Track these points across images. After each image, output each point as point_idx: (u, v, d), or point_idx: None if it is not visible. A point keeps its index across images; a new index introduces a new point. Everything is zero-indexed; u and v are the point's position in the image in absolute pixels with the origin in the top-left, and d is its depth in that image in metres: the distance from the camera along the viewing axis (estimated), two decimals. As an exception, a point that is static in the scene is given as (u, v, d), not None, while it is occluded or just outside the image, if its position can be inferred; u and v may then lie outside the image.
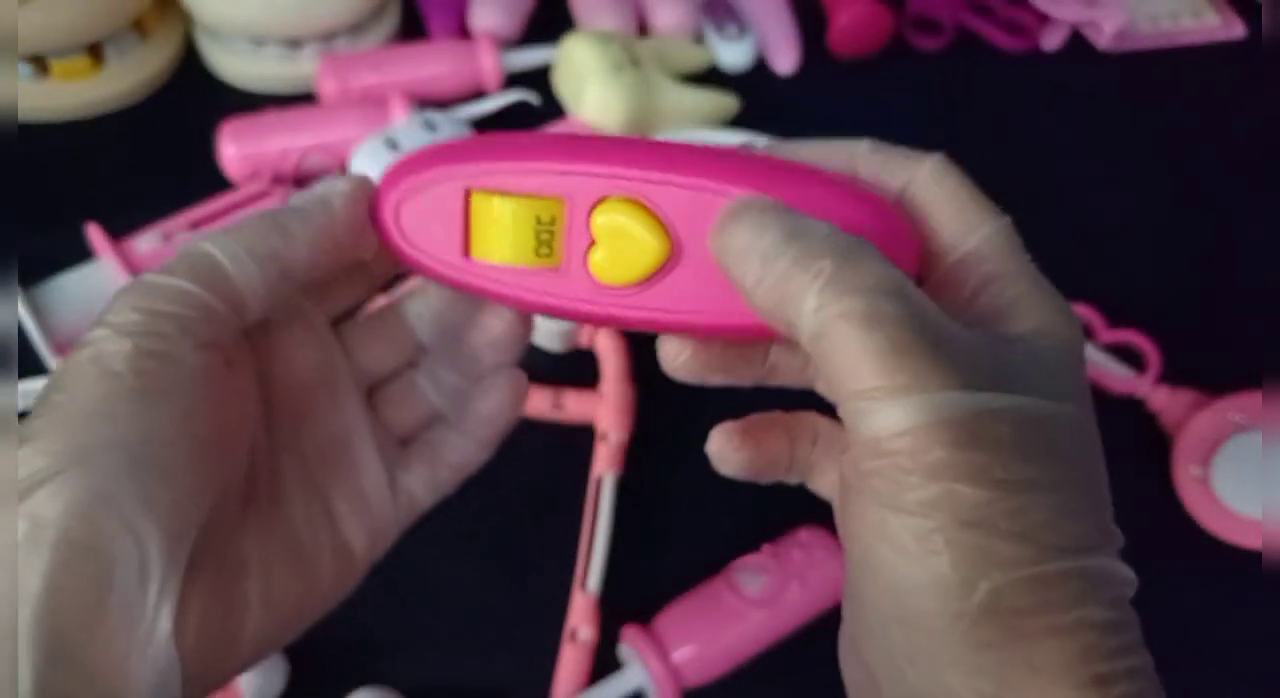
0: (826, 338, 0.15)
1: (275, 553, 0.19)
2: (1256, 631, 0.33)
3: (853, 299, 0.15)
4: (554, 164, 0.18)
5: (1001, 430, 0.15)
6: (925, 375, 0.15)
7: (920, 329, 0.15)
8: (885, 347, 0.15)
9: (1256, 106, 0.48)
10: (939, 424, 0.15)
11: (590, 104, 0.41)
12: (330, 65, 0.43)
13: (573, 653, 0.30)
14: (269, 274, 0.19)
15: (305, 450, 0.21)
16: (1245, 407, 0.34)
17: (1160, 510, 0.35)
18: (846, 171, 0.19)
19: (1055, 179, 0.45)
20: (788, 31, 0.48)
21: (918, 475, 0.15)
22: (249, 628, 0.18)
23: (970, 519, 0.14)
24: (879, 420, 0.15)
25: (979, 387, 0.15)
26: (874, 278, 0.15)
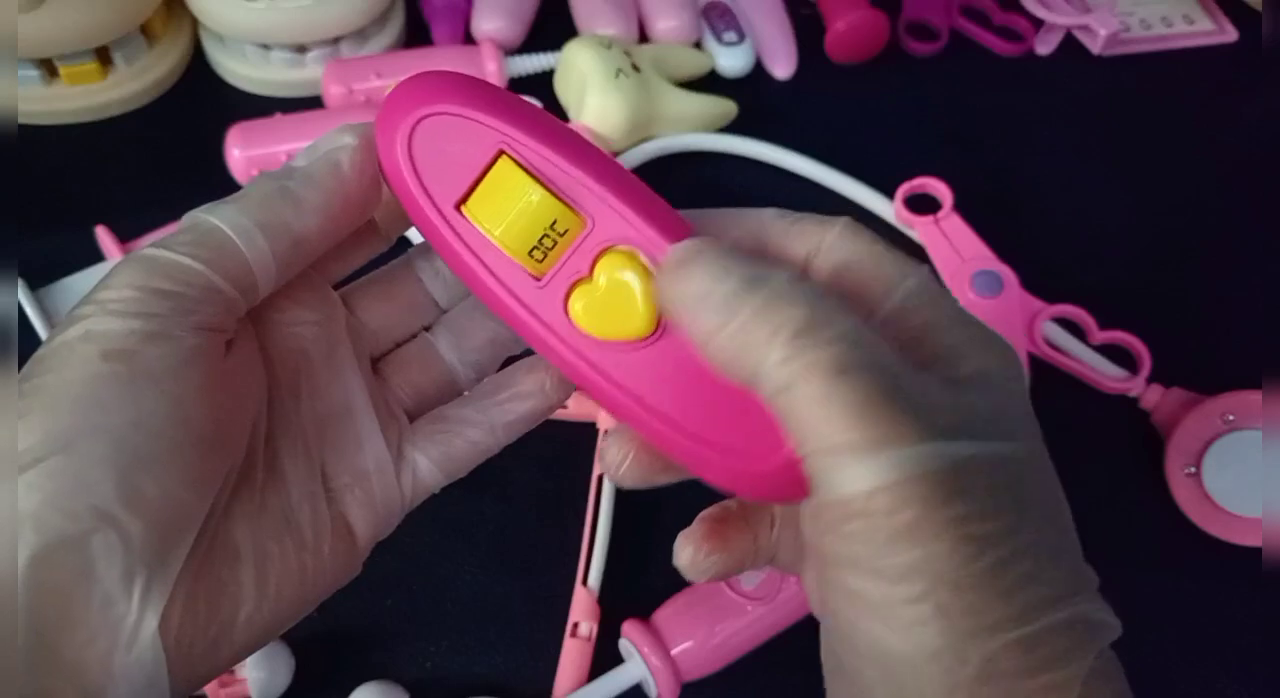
0: (793, 391, 0.14)
1: (270, 536, 0.18)
2: (1249, 627, 0.33)
3: (822, 350, 0.14)
4: (600, 186, 0.17)
5: (976, 481, 0.14)
6: (899, 428, 0.14)
7: (889, 379, 0.14)
8: (857, 399, 0.14)
9: (1248, 110, 0.48)
10: (915, 480, 0.14)
11: (591, 109, 0.42)
12: (335, 70, 0.43)
13: (574, 648, 0.31)
14: (280, 248, 0.17)
15: (304, 422, 0.20)
16: (1237, 406, 0.34)
17: (1153, 509, 0.35)
18: (754, 240, 0.18)
19: (1049, 182, 0.45)
20: (785, 37, 0.48)
21: (896, 538, 0.14)
22: (242, 617, 0.17)
23: (955, 581, 0.14)
24: (851, 478, 0.14)
25: (950, 437, 0.14)
26: (842, 328, 0.15)
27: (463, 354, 0.22)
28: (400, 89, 0.18)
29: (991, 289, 0.38)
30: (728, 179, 0.44)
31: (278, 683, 0.30)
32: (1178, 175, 0.46)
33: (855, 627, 0.15)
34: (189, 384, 0.16)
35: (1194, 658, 0.32)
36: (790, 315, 0.15)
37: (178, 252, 0.17)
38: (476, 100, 0.17)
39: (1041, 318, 0.38)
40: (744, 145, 0.44)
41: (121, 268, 0.17)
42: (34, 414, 0.15)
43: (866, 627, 0.15)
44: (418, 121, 0.17)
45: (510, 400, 0.21)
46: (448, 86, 0.17)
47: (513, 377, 0.21)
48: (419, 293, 0.21)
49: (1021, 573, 0.14)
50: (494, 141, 0.17)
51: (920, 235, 0.41)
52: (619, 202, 0.17)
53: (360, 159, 0.18)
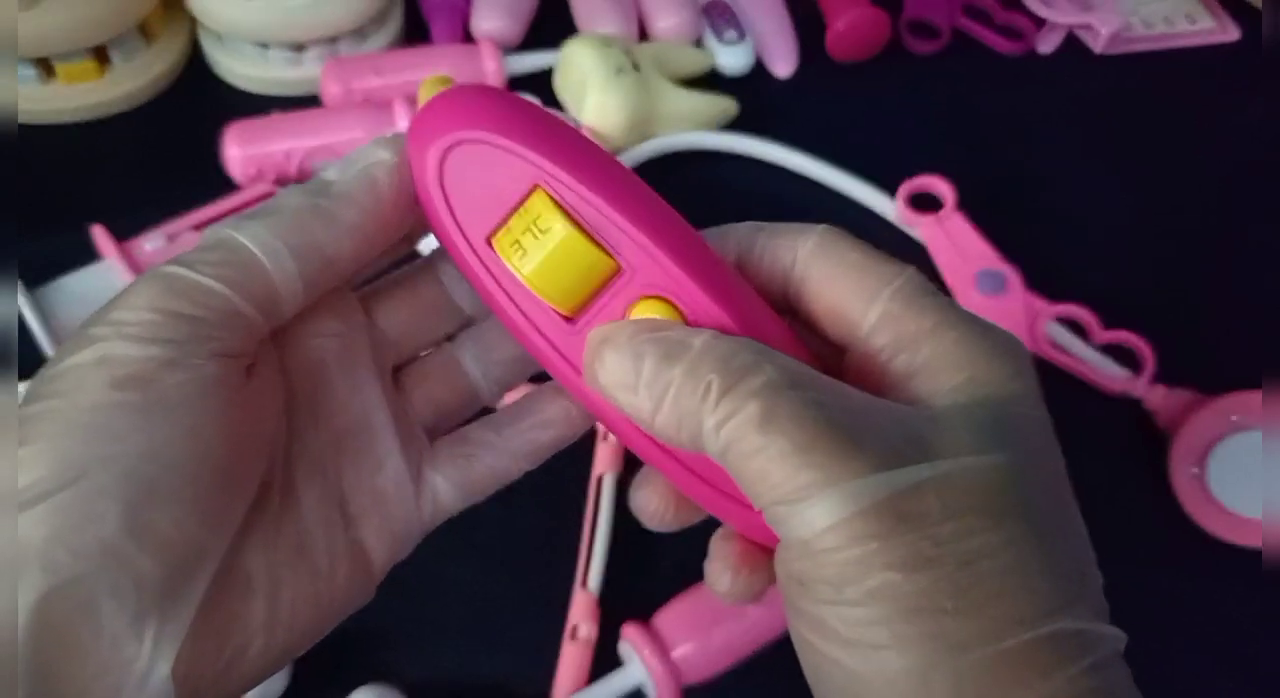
0: (731, 451, 0.14)
1: (284, 564, 0.17)
2: (1253, 628, 0.33)
3: (746, 407, 0.14)
4: (638, 231, 0.16)
5: (930, 504, 0.14)
6: (834, 468, 0.14)
7: (821, 419, 0.14)
8: (788, 447, 0.14)
9: (1251, 109, 0.48)
10: (860, 514, 0.14)
11: (591, 107, 0.42)
12: (334, 68, 0.43)
13: (573, 650, 0.30)
14: (310, 271, 0.16)
15: (322, 441, 0.19)
16: (1241, 406, 0.34)
17: (1156, 510, 0.35)
18: (730, 256, 0.18)
19: (1051, 181, 0.45)
20: (786, 36, 0.48)
21: (850, 570, 0.14)
22: (254, 649, 0.16)
23: (913, 606, 0.14)
24: (800, 522, 0.14)
25: (895, 463, 0.14)
26: (762, 378, 0.14)
27: (487, 369, 0.21)
28: (434, 107, 0.17)
29: (994, 289, 0.38)
30: (728, 178, 0.44)
31: (275, 685, 0.30)
32: (1181, 174, 0.45)
33: (822, 655, 0.15)
34: (206, 414, 0.15)
35: (1198, 659, 0.32)
36: (712, 378, 0.15)
37: (201, 272, 0.16)
38: (513, 127, 0.16)
39: (1044, 318, 0.38)
40: (745, 144, 0.44)
41: (140, 286, 0.16)
42: (43, 442, 0.14)
43: (831, 653, 0.14)
44: (450, 147, 0.16)
45: (533, 428, 0.20)
46: (484, 109, 0.16)
47: (538, 402, 0.20)
48: (442, 297, 0.20)
49: (989, 592, 0.14)
50: (530, 176, 0.16)
51: (922, 235, 0.41)
52: (658, 249, 0.16)
53: (398, 178, 0.17)
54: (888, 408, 0.15)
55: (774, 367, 0.15)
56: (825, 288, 0.17)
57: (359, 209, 0.17)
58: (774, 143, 0.43)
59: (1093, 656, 0.14)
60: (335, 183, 0.17)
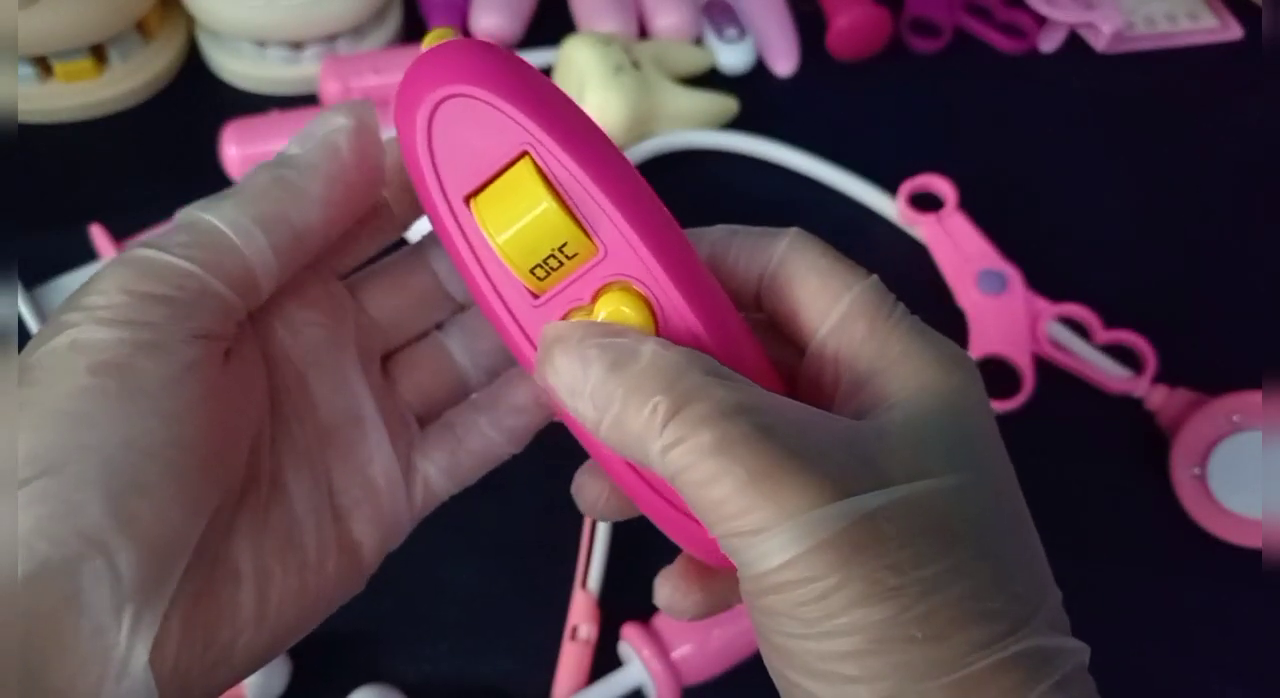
0: (682, 478, 0.14)
1: (273, 555, 0.17)
2: (1253, 629, 0.33)
3: (700, 432, 0.14)
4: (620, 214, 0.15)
5: (886, 531, 0.14)
6: (790, 500, 0.13)
7: (774, 448, 0.14)
8: (742, 478, 0.14)
9: (1254, 107, 0.48)
10: (819, 547, 0.13)
11: (590, 106, 0.41)
12: (332, 67, 0.43)
13: (573, 651, 0.30)
14: (282, 244, 0.16)
15: (310, 432, 0.18)
16: (1242, 406, 0.34)
17: (1157, 510, 0.35)
18: (706, 260, 0.17)
19: (1053, 180, 0.45)
20: (787, 34, 0.48)
21: (814, 604, 0.14)
22: (242, 640, 0.16)
23: (881, 637, 0.13)
24: (757, 557, 0.14)
25: (852, 489, 0.14)
26: (712, 402, 0.14)
27: (475, 357, 0.20)
28: (432, 57, 0.16)
29: (995, 288, 0.38)
30: (728, 177, 0.43)
31: (274, 686, 0.30)
32: (1183, 173, 0.45)
33: (792, 685, 0.14)
34: (185, 399, 0.15)
35: (1199, 660, 0.32)
36: (659, 400, 0.14)
37: (172, 253, 0.15)
38: (510, 87, 0.15)
39: (1045, 317, 0.38)
40: (745, 143, 0.43)
41: (111, 270, 0.15)
42: (21, 432, 0.14)
43: (804, 686, 0.14)
44: (442, 100, 0.16)
45: (508, 414, 0.20)
46: (481, 64, 0.16)
47: (507, 388, 0.20)
48: (432, 285, 0.20)
49: (952, 617, 0.14)
50: (519, 140, 0.15)
51: (923, 234, 0.41)
52: (636, 235, 0.15)
53: (359, 141, 0.17)
54: (838, 427, 0.15)
55: (724, 389, 0.14)
56: (790, 290, 0.17)
57: (323, 178, 0.16)
58: (774, 142, 0.43)
59: (1058, 672, 0.14)
60: (298, 155, 0.17)
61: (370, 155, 0.17)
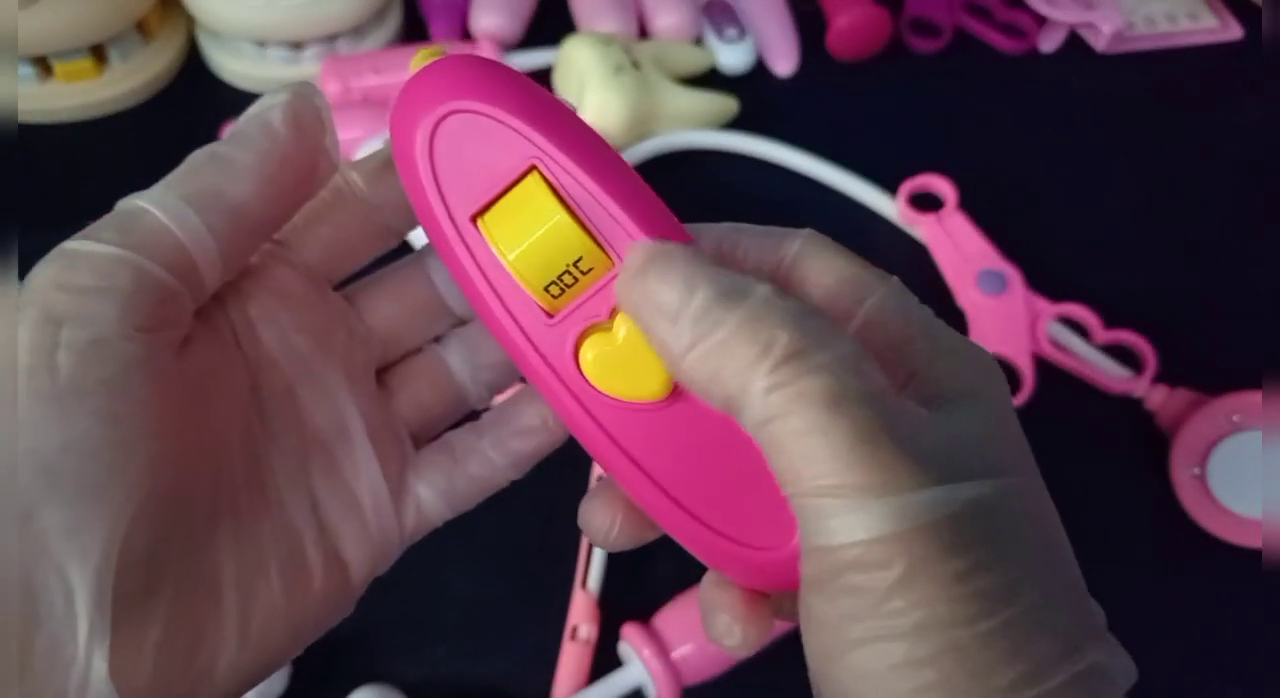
0: (779, 422, 0.13)
1: (256, 572, 0.16)
2: (1253, 628, 0.33)
3: (813, 379, 0.13)
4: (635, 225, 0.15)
5: (976, 529, 0.13)
6: (896, 472, 0.13)
7: (885, 415, 0.13)
8: (853, 436, 0.13)
9: (1254, 107, 0.48)
10: (914, 532, 0.12)
11: (590, 106, 0.41)
12: (332, 67, 0.43)
13: (573, 651, 0.30)
14: (217, 222, 0.15)
15: (297, 444, 0.18)
16: (1242, 406, 0.34)
17: (1157, 510, 0.35)
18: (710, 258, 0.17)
19: (1052, 180, 0.45)
20: (787, 34, 0.48)
21: (892, 596, 0.12)
22: (223, 661, 0.15)
23: (960, 643, 0.12)
24: (845, 526, 0.13)
25: (947, 479, 0.13)
26: (835, 352, 0.13)
27: (475, 372, 0.20)
28: (429, 74, 0.16)
29: (995, 288, 0.38)
30: (729, 177, 0.43)
31: (274, 687, 0.30)
32: (1183, 173, 0.45)
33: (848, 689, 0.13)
34: (128, 398, 0.14)
35: (1200, 660, 0.32)
36: (776, 336, 0.13)
37: (100, 241, 0.14)
38: (513, 101, 0.15)
39: (1046, 317, 0.38)
40: (745, 143, 0.43)
41: (40, 267, 0.15)
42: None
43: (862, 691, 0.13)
44: (444, 116, 0.15)
45: (512, 436, 0.19)
46: (482, 79, 0.15)
47: (514, 409, 0.19)
48: (432, 297, 0.19)
49: (1029, 628, 0.13)
50: (526, 154, 0.15)
51: (923, 234, 0.41)
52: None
53: (295, 112, 0.16)
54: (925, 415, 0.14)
55: (846, 341, 0.13)
56: (804, 291, 0.16)
57: (256, 150, 0.16)
58: (774, 142, 0.43)
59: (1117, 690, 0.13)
60: (232, 133, 0.16)
61: (308, 128, 0.16)
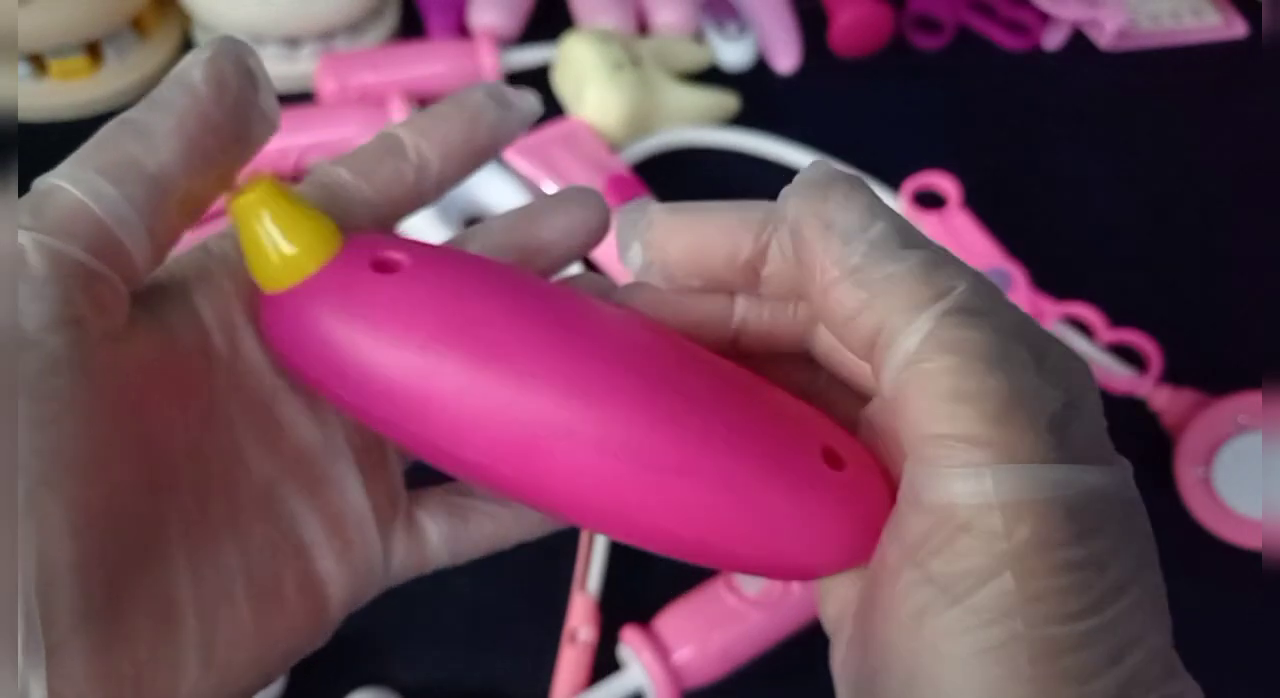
0: (934, 362, 0.12)
1: (219, 594, 0.15)
2: (1257, 630, 0.33)
3: (981, 334, 0.12)
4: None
5: (1101, 517, 0.12)
6: (1034, 441, 0.12)
7: (1037, 389, 0.12)
8: (1006, 396, 0.12)
9: (1259, 105, 0.48)
10: (1043, 504, 0.12)
11: (590, 103, 0.41)
12: (329, 64, 0.43)
13: (573, 654, 0.30)
14: (136, 193, 0.14)
15: (270, 455, 0.16)
16: (1247, 407, 0.34)
17: (1162, 512, 0.34)
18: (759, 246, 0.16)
19: (1057, 178, 0.45)
20: (788, 30, 0.48)
21: (999, 567, 0.12)
22: (185, 685, 0.14)
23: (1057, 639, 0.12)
24: (970, 485, 0.12)
25: (1079, 460, 0.12)
26: (1004, 319, 0.13)
27: None
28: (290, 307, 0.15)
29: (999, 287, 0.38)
30: (729, 175, 0.43)
31: (271, 689, 0.29)
32: (1188, 172, 0.45)
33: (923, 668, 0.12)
34: (54, 402, 0.13)
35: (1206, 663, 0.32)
36: (954, 285, 0.13)
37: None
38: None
39: (1050, 317, 0.38)
40: (746, 140, 0.43)
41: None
42: None
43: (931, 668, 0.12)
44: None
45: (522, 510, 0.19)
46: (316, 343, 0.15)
47: None
48: None
49: (1129, 638, 0.12)
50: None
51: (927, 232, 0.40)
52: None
53: (217, 70, 0.15)
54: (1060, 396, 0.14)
55: (1012, 306, 0.13)
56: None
57: (173, 112, 0.14)
58: (776, 139, 0.43)
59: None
60: (150, 95, 0.15)
61: (233, 87, 0.15)
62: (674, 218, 0.16)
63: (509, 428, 0.15)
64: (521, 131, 0.18)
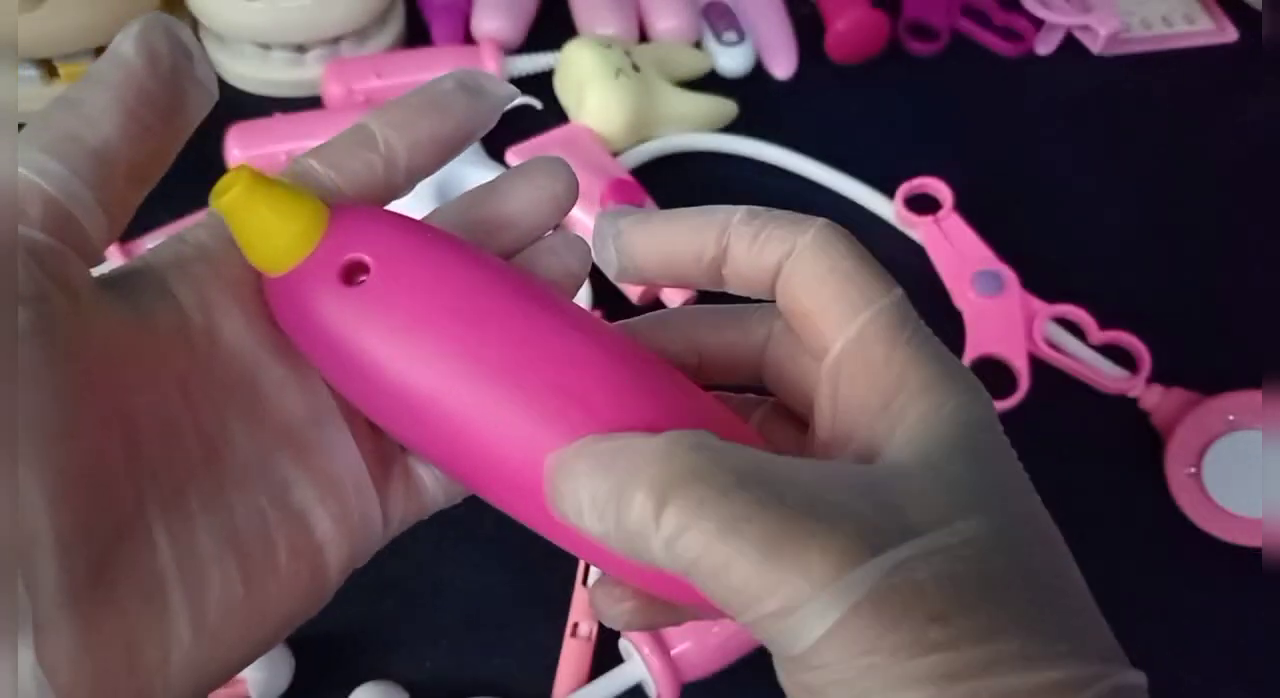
0: (694, 570, 0.13)
1: (209, 559, 0.15)
2: (1249, 627, 0.33)
3: (699, 520, 0.13)
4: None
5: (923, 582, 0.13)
6: (816, 568, 0.13)
7: (788, 515, 0.13)
8: (759, 556, 0.13)
9: (1249, 109, 0.48)
10: (854, 612, 0.13)
11: (591, 108, 0.42)
12: (335, 70, 0.43)
13: (574, 648, 0.31)
14: (83, 167, 0.14)
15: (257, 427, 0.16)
16: (1237, 406, 0.34)
17: (1153, 509, 0.35)
18: (720, 246, 0.17)
19: (1049, 182, 0.45)
20: (785, 37, 0.48)
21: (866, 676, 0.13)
22: (178, 654, 0.14)
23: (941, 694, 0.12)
24: (793, 639, 0.13)
25: (880, 545, 0.13)
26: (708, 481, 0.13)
27: None
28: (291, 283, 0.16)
29: (991, 289, 0.38)
30: (728, 179, 0.44)
31: (277, 683, 0.30)
32: (1178, 175, 0.46)
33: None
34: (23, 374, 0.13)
35: (1194, 659, 0.32)
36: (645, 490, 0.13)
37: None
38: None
39: (1041, 318, 0.38)
40: (744, 145, 0.44)
41: None
42: None
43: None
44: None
45: None
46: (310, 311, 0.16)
47: None
48: None
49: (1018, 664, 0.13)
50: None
51: (921, 236, 0.41)
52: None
53: (148, 42, 0.15)
54: (855, 476, 0.14)
55: (718, 464, 0.13)
56: (809, 291, 0.16)
57: (110, 85, 0.15)
58: (773, 144, 0.43)
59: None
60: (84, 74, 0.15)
61: (166, 58, 0.15)
62: (643, 225, 0.17)
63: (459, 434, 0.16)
64: (494, 119, 0.18)
